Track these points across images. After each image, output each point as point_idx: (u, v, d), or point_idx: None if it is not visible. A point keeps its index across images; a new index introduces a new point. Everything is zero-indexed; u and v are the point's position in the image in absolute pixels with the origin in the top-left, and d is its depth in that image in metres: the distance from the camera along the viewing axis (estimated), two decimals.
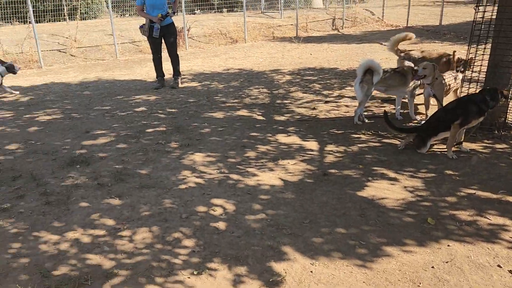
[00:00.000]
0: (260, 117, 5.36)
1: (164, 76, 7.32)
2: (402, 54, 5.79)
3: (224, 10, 17.49)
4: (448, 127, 3.85)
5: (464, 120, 3.78)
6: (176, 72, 7.27)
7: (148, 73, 8.56)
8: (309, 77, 7.53)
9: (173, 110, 5.80)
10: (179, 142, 4.52)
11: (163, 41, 7.08)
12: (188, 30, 12.67)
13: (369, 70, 4.72)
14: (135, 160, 4.06)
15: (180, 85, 7.24)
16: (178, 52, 7.29)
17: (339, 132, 4.70)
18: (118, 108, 5.96)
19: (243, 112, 5.60)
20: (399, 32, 6.09)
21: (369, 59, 4.78)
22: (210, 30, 13.77)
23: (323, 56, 9.66)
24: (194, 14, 17.35)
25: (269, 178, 3.60)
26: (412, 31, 12.38)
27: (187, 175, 3.69)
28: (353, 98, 5.92)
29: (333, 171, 3.69)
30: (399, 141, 4.28)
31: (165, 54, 7.17)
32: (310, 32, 14.09)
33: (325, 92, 6.44)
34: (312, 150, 4.19)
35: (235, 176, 3.64)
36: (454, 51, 5.44)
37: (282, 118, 5.30)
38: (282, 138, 4.58)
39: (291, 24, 14.50)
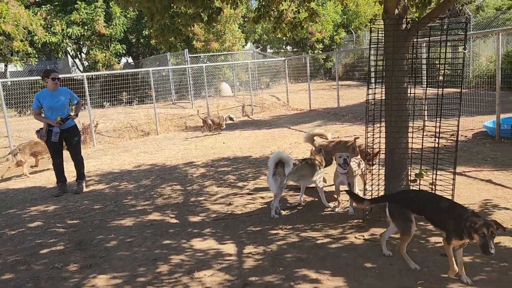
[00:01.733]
0: (174, 220, 5.03)
1: (65, 181, 6.74)
2: (317, 145, 5.99)
3: (134, 103, 17.42)
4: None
5: (448, 236, 3.09)
6: (80, 176, 6.75)
7: (48, 178, 7.86)
8: (223, 168, 7.46)
9: (74, 221, 5.22)
10: (79, 263, 3.98)
11: (64, 144, 6.63)
12: (95, 125, 12.23)
13: (280, 162, 4.76)
14: None
15: (84, 190, 6.69)
16: (84, 151, 6.84)
17: (257, 229, 4.54)
18: (8, 226, 5.21)
19: (155, 216, 5.22)
20: (304, 116, 6.44)
21: (279, 152, 4.86)
22: (120, 124, 13.47)
23: (236, 144, 9.79)
24: (103, 107, 17.03)
25: None
26: (315, 114, 13.38)
27: None
28: (268, 188, 5.89)
29: (253, 279, 3.43)
30: (316, 233, 4.22)
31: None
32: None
33: (240, 184, 6.35)
34: (230, 255, 3.93)
35: None
36: (356, 138, 5.78)
37: (197, 218, 5.03)
38: (197, 243, 4.27)
39: (203, 113, 14.78)
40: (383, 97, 4.32)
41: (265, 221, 4.73)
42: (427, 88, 4.45)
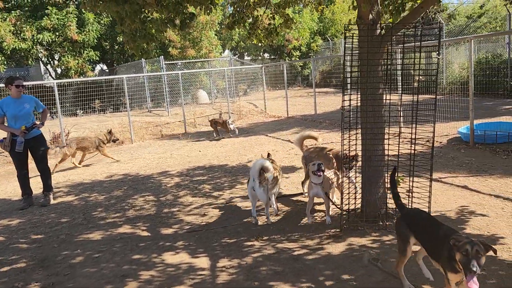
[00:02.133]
0: (145, 233, 4.81)
1: (31, 193, 6.41)
2: (305, 151, 5.85)
3: (108, 110, 17.02)
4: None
5: (445, 273, 2.68)
6: (47, 187, 6.44)
7: (15, 190, 7.47)
8: (199, 177, 7.27)
9: (39, 236, 4.94)
10: (41, 281, 3.72)
11: (29, 154, 6.32)
12: (67, 135, 11.84)
13: (260, 170, 4.67)
14: None
15: (52, 202, 6.38)
16: (55, 161, 6.53)
17: (232, 240, 4.37)
18: None
19: (125, 229, 4.99)
20: (282, 123, 6.32)
21: (261, 160, 4.78)
22: (93, 133, 13.08)
23: (212, 152, 9.61)
24: (76, 116, 16.59)
25: None
26: (292, 121, 13.33)
27: None
28: (244, 197, 5.75)
29: None
30: (293, 244, 4.09)
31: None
32: (198, 128, 14.24)
33: (215, 194, 6.17)
34: (203, 269, 3.75)
35: None
36: (329, 150, 5.65)
37: (169, 231, 4.82)
38: (169, 257, 4.07)
39: (179, 121, 14.56)
40: (359, 104, 4.25)
41: (240, 232, 4.57)
42: (402, 94, 4.38)
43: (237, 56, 27.53)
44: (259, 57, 27.71)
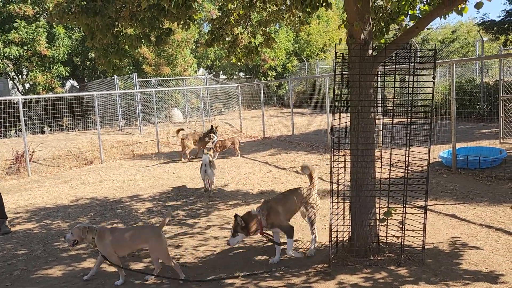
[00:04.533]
0: (112, 268, 4.30)
1: None
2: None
3: (77, 128, 16.28)
4: None
5: None
6: (1, 214, 5.83)
7: None
8: (172, 202, 6.81)
9: None
10: None
11: None
12: (31, 153, 11.12)
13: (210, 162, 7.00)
14: None
15: (8, 230, 5.77)
16: (17, 182, 5.95)
17: (209, 277, 3.95)
18: None
19: (90, 263, 4.48)
20: (258, 144, 6.02)
21: (207, 156, 6.98)
22: (60, 152, 12.38)
23: (187, 174, 9.16)
24: (43, 133, 15.77)
25: None
26: (269, 142, 13.05)
27: None
28: (222, 227, 5.35)
29: None
30: (278, 282, 3.70)
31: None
32: (172, 147, 13.75)
33: (190, 221, 5.74)
34: None
35: None
36: None
37: (139, 265, 4.35)
38: None
39: (152, 140, 14.04)
40: (348, 128, 3.99)
41: (219, 267, 4.16)
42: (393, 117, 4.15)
43: (212, 75, 27.30)
44: (234, 76, 27.56)
